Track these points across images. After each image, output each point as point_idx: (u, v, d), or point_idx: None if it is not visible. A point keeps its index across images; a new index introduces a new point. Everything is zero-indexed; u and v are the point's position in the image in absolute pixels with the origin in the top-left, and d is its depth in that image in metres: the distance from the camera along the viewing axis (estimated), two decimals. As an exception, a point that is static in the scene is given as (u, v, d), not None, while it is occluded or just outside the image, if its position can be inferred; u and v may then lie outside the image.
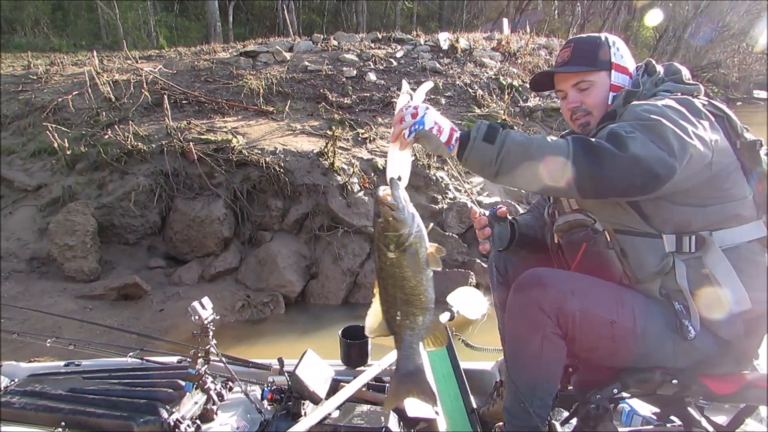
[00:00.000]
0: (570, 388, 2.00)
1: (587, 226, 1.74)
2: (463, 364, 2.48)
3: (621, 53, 1.82)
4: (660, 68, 1.82)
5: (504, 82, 9.24)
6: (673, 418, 2.04)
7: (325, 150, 6.04)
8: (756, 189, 1.68)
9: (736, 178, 1.64)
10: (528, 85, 9.33)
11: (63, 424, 2.03)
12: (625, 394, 1.85)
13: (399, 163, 1.52)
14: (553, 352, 1.68)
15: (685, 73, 1.81)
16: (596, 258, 1.75)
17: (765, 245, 1.67)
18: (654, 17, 20.85)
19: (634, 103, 1.64)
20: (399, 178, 1.49)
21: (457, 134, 1.51)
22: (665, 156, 1.42)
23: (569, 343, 1.68)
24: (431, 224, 1.69)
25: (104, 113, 7.02)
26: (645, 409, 2.23)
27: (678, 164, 1.43)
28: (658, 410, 2.12)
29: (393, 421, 2.11)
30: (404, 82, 1.62)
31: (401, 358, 1.49)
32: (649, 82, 1.77)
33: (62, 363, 2.67)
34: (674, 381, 1.70)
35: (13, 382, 2.43)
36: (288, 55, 9.35)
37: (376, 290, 1.53)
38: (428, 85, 1.66)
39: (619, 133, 1.45)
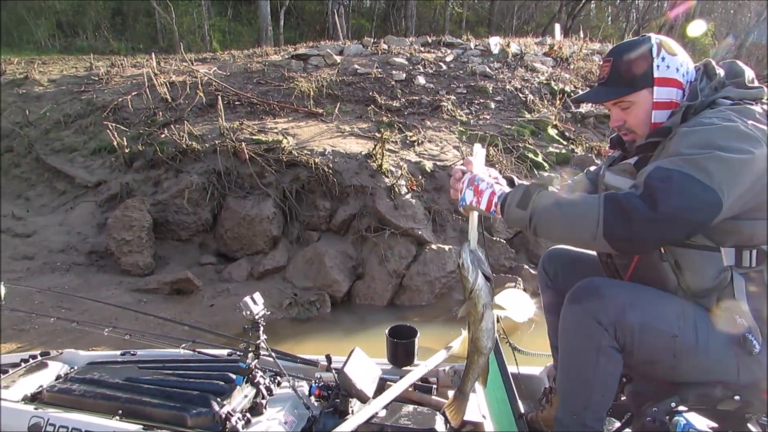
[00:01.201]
0: (623, 398, 1.95)
1: None
2: (511, 369, 2.45)
3: (667, 62, 1.68)
4: (720, 70, 1.71)
5: (556, 88, 9.09)
6: (731, 433, 1.97)
7: (374, 152, 6.07)
8: None
9: None
10: (580, 92, 9.17)
11: (120, 412, 2.10)
12: (682, 408, 1.79)
13: (471, 225, 1.73)
14: (609, 366, 1.63)
15: (749, 74, 1.69)
16: (649, 270, 1.68)
17: None
18: (697, 27, 19.96)
19: (684, 129, 1.54)
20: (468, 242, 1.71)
21: (496, 200, 1.62)
22: (707, 199, 1.39)
23: (626, 357, 1.63)
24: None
25: (161, 113, 7.26)
26: (702, 423, 2.14)
27: (724, 199, 1.40)
28: (715, 425, 2.04)
29: (440, 423, 2.10)
30: (477, 146, 1.80)
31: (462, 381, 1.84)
32: (708, 88, 1.66)
33: (119, 352, 2.76)
34: (736, 397, 1.64)
35: (73, 370, 2.54)
36: (338, 59, 9.45)
37: None
38: (481, 152, 1.80)
39: (653, 186, 1.41)
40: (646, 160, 1.67)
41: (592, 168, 2.15)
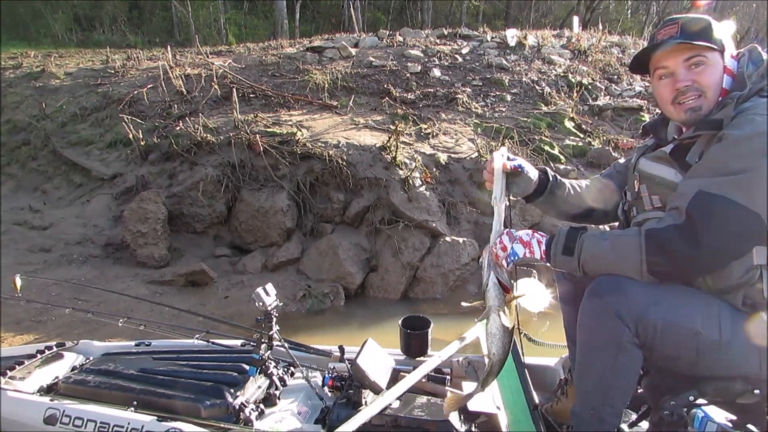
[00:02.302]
0: (640, 390, 1.91)
1: None
2: (526, 359, 2.42)
3: (726, 39, 1.66)
4: (766, 56, 1.66)
5: (573, 80, 8.97)
6: (750, 426, 1.93)
7: (388, 144, 6.05)
8: None
9: None
10: (598, 84, 9.05)
11: (135, 403, 2.10)
12: (701, 401, 1.76)
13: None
14: (629, 363, 1.60)
15: None
16: None
17: None
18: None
19: (732, 134, 1.48)
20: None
21: (543, 247, 1.68)
22: (751, 225, 1.42)
23: (647, 353, 1.59)
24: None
25: (176, 106, 7.29)
26: (720, 415, 2.11)
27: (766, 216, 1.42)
28: (734, 417, 2.00)
29: (454, 415, 2.08)
30: (496, 154, 1.86)
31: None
32: (755, 75, 1.62)
33: (133, 343, 2.77)
34: (756, 391, 1.60)
35: (88, 360, 2.55)
36: (353, 51, 9.42)
37: None
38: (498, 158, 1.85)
39: (695, 219, 1.42)
40: (682, 149, 1.64)
41: (621, 160, 2.11)
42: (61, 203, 6.44)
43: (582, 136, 7.51)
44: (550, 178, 1.99)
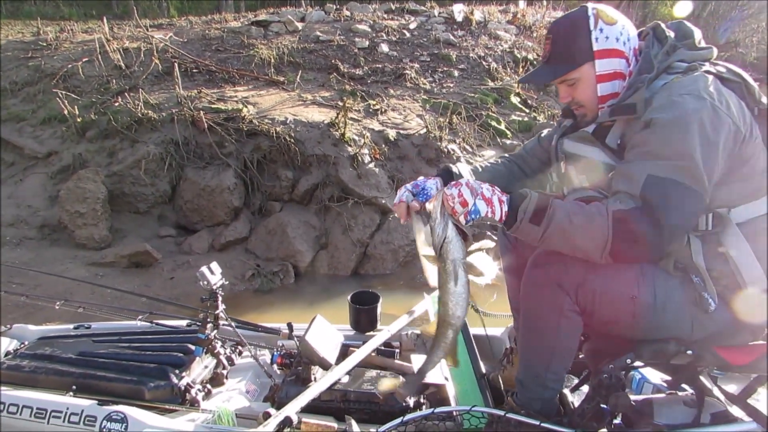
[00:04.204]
0: (581, 356, 1.98)
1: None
2: (473, 330, 2.46)
3: (606, 33, 1.65)
4: (670, 32, 1.70)
5: (519, 56, 9.08)
6: (684, 386, 2.02)
7: (336, 121, 5.98)
8: None
9: (755, 150, 1.57)
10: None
11: (74, 387, 2.04)
12: (638, 363, 1.83)
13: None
14: (570, 329, 1.66)
15: (697, 35, 1.70)
16: None
17: None
18: (683, 8, 19.93)
19: (655, 119, 1.51)
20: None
21: (505, 208, 1.53)
22: (699, 203, 1.49)
23: (586, 318, 1.65)
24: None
25: (114, 81, 6.99)
26: (656, 376, 2.21)
27: (708, 193, 1.50)
28: (669, 378, 2.10)
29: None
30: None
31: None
32: (661, 53, 1.65)
33: (71, 326, 2.67)
34: (689, 352, 1.68)
35: (23, 345, 2.44)
36: (300, 25, 9.24)
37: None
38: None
39: (652, 202, 1.45)
40: (602, 130, 1.69)
41: (544, 132, 2.13)
42: (-9, 183, 6.10)
43: (527, 111, 7.63)
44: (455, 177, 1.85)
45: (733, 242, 1.55)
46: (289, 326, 2.49)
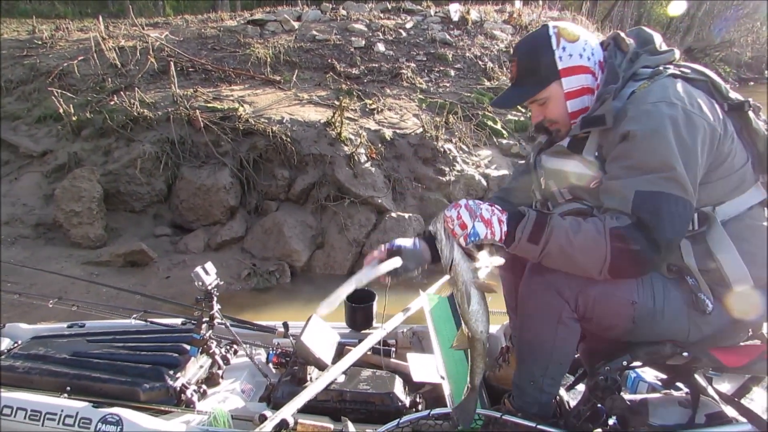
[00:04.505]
0: (577, 355, 1.98)
1: (586, 214, 1.64)
2: (469, 329, 2.45)
3: (569, 50, 1.66)
4: (630, 40, 1.72)
5: (515, 55, 9.07)
6: (679, 385, 2.03)
7: (333, 120, 5.97)
8: (752, 151, 1.65)
9: (732, 146, 1.59)
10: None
11: (68, 389, 2.02)
12: (634, 365, 1.83)
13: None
14: (568, 336, 1.66)
15: (657, 39, 1.73)
16: None
17: (764, 206, 1.65)
18: (677, 7, 19.94)
19: (632, 132, 1.51)
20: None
21: (504, 228, 1.55)
22: (689, 212, 1.49)
23: (585, 324, 1.65)
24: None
25: (110, 79, 6.95)
26: (651, 375, 2.22)
27: (695, 198, 1.51)
28: (664, 376, 2.11)
29: (398, 386, 2.10)
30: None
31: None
32: (624, 62, 1.67)
33: (65, 325, 2.66)
34: (685, 354, 1.68)
35: (16, 345, 2.41)
36: (296, 24, 9.22)
37: None
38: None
39: (644, 219, 1.45)
40: (577, 143, 1.69)
41: (521, 163, 2.14)
42: (-15, 181, 6.07)
43: (524, 110, 7.62)
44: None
45: (717, 240, 1.56)
46: (285, 325, 2.49)
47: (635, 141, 1.51)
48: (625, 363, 1.72)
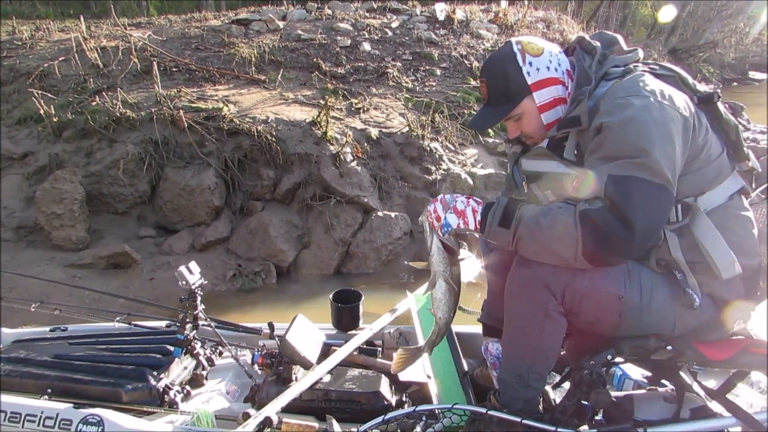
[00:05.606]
0: (562, 352, 1.98)
1: None
2: (455, 328, 2.45)
3: (536, 65, 1.69)
4: (596, 42, 1.74)
5: (500, 54, 9.09)
6: (664, 381, 2.04)
7: (318, 119, 5.95)
8: (725, 141, 1.66)
9: (708, 136, 1.60)
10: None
11: (49, 391, 2.00)
12: (618, 360, 1.83)
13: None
14: (554, 330, 1.66)
15: (621, 39, 1.77)
16: None
17: (743, 195, 1.66)
18: (667, 13, 20.09)
19: (606, 123, 1.52)
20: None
21: (478, 217, 1.64)
22: (666, 197, 1.48)
23: (571, 318, 1.65)
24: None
25: (92, 80, 6.87)
26: (636, 372, 2.23)
27: (674, 185, 1.49)
28: (649, 374, 2.11)
29: (384, 386, 2.09)
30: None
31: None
32: (594, 64, 1.69)
33: (47, 328, 2.63)
34: (669, 347, 1.69)
35: (-2, 348, 2.39)
36: (281, 24, 9.18)
37: None
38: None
39: (617, 201, 1.43)
40: (556, 144, 1.70)
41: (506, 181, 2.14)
42: (-35, 184, 5.96)
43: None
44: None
45: (702, 229, 1.55)
46: (270, 326, 2.47)
47: (609, 131, 1.51)
48: (609, 357, 1.72)
